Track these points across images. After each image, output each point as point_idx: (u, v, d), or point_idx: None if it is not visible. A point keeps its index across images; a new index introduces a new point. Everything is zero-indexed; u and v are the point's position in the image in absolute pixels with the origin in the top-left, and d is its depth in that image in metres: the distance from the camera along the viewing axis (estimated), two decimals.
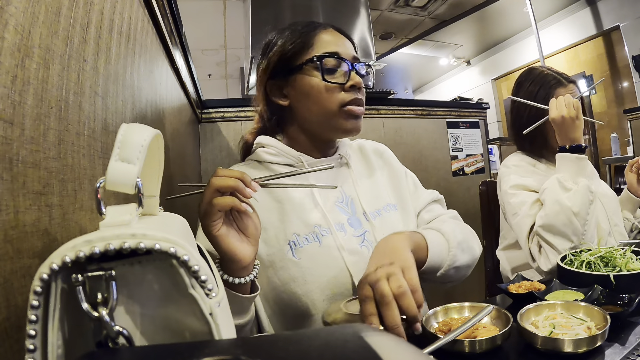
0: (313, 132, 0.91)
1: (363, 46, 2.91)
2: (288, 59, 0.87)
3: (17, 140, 0.33)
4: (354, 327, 0.26)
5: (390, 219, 0.92)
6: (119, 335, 0.27)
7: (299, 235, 0.83)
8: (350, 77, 0.85)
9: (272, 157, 0.90)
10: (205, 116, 1.79)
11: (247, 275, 0.66)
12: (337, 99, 0.85)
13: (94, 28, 0.49)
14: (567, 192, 1.06)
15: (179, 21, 1.03)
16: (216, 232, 0.61)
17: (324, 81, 0.84)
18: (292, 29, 0.90)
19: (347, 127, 0.87)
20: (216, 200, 0.60)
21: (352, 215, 0.89)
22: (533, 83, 1.30)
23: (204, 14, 4.02)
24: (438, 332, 0.63)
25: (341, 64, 0.86)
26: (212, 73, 5.85)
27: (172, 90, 1.06)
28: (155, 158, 0.39)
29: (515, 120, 1.34)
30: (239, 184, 0.60)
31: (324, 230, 0.84)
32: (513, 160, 1.33)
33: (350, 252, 0.83)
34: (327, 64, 0.85)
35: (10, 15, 0.32)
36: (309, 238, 0.83)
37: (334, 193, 0.90)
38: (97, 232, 0.27)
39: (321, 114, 0.86)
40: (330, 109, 0.85)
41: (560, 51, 4.88)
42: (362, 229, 0.88)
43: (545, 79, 1.28)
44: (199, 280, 0.28)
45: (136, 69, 0.69)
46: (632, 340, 0.59)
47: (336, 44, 0.87)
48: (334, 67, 0.86)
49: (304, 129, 0.91)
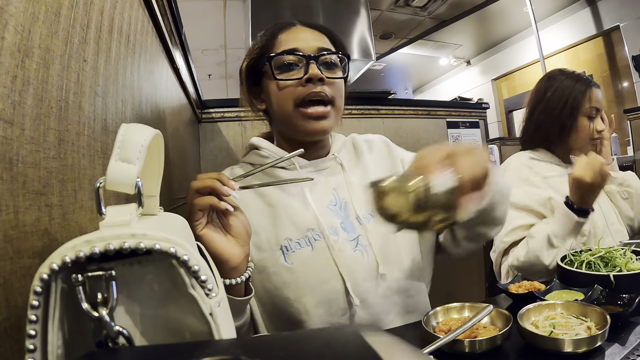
0: (287, 136, 0.89)
1: (363, 46, 2.91)
2: (254, 64, 0.87)
3: (17, 140, 0.33)
4: (354, 327, 0.26)
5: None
6: (119, 335, 0.27)
7: (291, 240, 0.81)
8: (307, 70, 0.80)
9: (263, 159, 0.89)
10: (205, 116, 1.79)
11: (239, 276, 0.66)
12: (292, 97, 0.81)
13: (94, 28, 0.49)
14: (550, 250, 1.06)
15: (179, 21, 1.03)
16: (199, 232, 0.62)
17: (275, 79, 0.81)
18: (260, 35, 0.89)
19: (306, 129, 0.82)
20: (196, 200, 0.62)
21: (346, 219, 0.87)
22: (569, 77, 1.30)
23: (204, 14, 4.02)
24: (438, 332, 0.63)
25: (299, 59, 0.82)
26: (212, 73, 5.85)
27: (172, 90, 1.06)
28: (155, 158, 0.39)
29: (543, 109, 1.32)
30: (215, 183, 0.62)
31: (316, 235, 0.82)
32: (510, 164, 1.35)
33: (343, 257, 0.81)
34: (280, 62, 0.82)
35: (10, 15, 0.32)
36: (301, 242, 0.82)
37: (327, 196, 0.87)
38: (97, 232, 0.27)
39: (281, 116, 0.85)
40: (286, 109, 0.82)
41: (560, 51, 4.87)
42: (355, 232, 0.85)
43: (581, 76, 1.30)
44: (199, 280, 0.28)
45: (136, 69, 0.69)
46: (632, 340, 0.59)
47: (296, 40, 0.83)
48: (291, 62, 0.82)
49: (281, 133, 0.91)
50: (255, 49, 0.88)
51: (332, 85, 0.83)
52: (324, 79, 0.81)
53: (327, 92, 0.81)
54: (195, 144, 1.69)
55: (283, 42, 0.84)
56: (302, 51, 0.81)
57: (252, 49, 0.88)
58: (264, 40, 0.87)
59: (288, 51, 0.81)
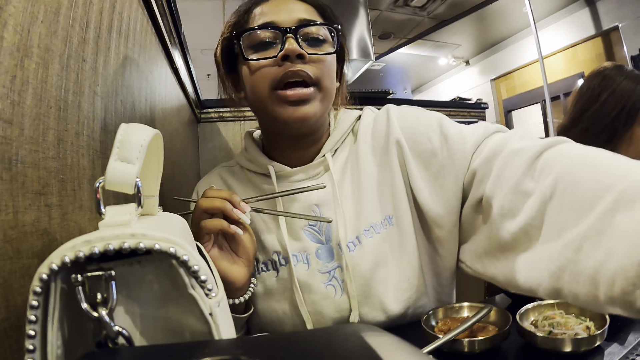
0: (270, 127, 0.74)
1: (362, 46, 2.91)
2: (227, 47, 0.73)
3: (16, 140, 0.33)
4: (354, 327, 0.26)
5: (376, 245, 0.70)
6: (119, 336, 0.27)
7: (258, 261, 0.72)
8: (283, 46, 0.64)
9: (247, 164, 0.78)
10: (204, 116, 1.79)
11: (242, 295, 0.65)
12: (268, 79, 0.66)
13: (93, 28, 0.49)
14: None
15: (178, 21, 1.03)
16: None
17: (245, 60, 0.67)
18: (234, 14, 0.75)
19: (283, 116, 0.66)
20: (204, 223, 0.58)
21: (324, 244, 0.71)
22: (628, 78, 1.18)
23: (203, 14, 4.02)
24: (437, 331, 0.63)
25: (275, 35, 0.67)
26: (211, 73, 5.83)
27: (171, 90, 1.06)
28: (154, 158, 0.39)
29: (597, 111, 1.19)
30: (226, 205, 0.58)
31: (282, 259, 0.71)
32: None
33: (309, 291, 0.69)
34: (253, 40, 0.67)
35: (10, 15, 0.32)
36: (267, 265, 0.72)
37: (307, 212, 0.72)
38: (97, 232, 0.27)
39: (257, 103, 0.70)
40: (260, 94, 0.67)
41: (559, 51, 4.88)
42: (332, 263, 0.70)
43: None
44: (199, 280, 0.28)
45: (135, 69, 0.69)
46: (631, 340, 0.59)
47: (272, 13, 0.68)
48: (267, 40, 0.67)
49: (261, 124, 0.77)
50: (227, 27, 0.74)
51: (316, 63, 0.67)
52: (304, 55, 0.65)
53: (309, 71, 0.66)
54: (194, 144, 1.69)
55: (257, 16, 0.69)
56: (279, 25, 0.66)
57: (225, 28, 0.74)
58: (236, 16, 0.73)
59: (261, 26, 0.67)
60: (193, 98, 1.50)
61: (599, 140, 1.20)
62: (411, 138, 0.72)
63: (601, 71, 1.24)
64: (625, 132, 1.17)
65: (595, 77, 1.24)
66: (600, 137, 1.19)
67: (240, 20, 0.72)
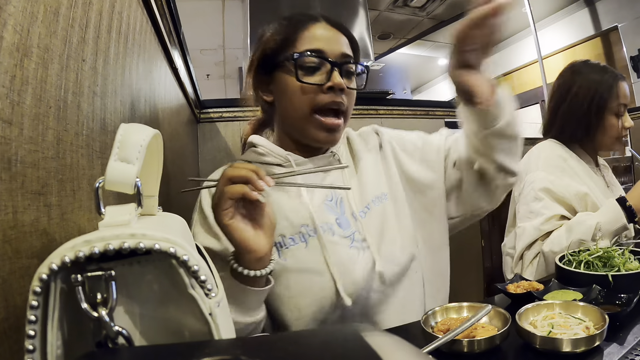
0: (291, 134, 0.87)
1: (362, 46, 2.90)
2: (270, 55, 0.82)
3: (16, 140, 0.33)
4: (354, 327, 0.26)
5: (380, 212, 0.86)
6: (119, 336, 0.27)
7: (284, 236, 0.79)
8: (330, 78, 0.77)
9: (261, 157, 0.87)
10: (203, 116, 1.79)
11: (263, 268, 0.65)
12: (311, 102, 0.79)
13: (92, 28, 0.49)
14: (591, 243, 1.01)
15: (178, 21, 1.03)
16: (227, 221, 0.60)
17: (299, 82, 0.78)
18: (280, 22, 0.84)
19: (317, 138, 0.82)
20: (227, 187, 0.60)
21: (341, 215, 0.84)
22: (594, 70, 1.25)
23: (202, 14, 4.02)
24: (437, 331, 0.63)
25: (323, 63, 0.79)
26: (210, 73, 5.84)
27: (170, 90, 1.06)
28: (154, 158, 0.39)
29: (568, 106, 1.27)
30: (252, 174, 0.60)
31: (310, 231, 0.80)
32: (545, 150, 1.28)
33: (338, 255, 0.79)
34: (304, 63, 0.78)
35: (9, 14, 0.32)
36: (295, 239, 0.79)
37: (323, 192, 0.85)
38: (97, 232, 0.27)
39: (295, 117, 0.82)
40: (302, 112, 0.80)
41: (559, 51, 4.88)
42: (350, 229, 0.83)
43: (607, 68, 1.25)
44: (199, 280, 0.28)
45: (135, 69, 0.69)
46: (630, 340, 0.60)
47: (322, 40, 0.80)
48: (315, 65, 0.79)
49: (285, 129, 0.88)
50: (273, 38, 0.83)
51: (349, 95, 0.82)
52: (345, 90, 0.79)
53: (344, 102, 0.80)
54: (194, 144, 1.69)
55: (307, 40, 0.80)
56: (327, 54, 0.79)
57: (270, 37, 0.83)
58: (284, 31, 0.82)
59: (314, 52, 0.78)
60: (192, 98, 1.50)
61: (577, 134, 1.26)
62: (400, 143, 0.97)
63: (570, 67, 1.31)
64: (599, 122, 1.22)
65: (565, 74, 1.31)
66: (578, 131, 1.25)
67: (290, 37, 0.81)
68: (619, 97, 1.22)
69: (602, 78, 1.22)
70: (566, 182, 1.18)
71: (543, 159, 1.25)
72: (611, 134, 1.24)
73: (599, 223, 1.03)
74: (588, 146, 1.30)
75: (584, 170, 1.26)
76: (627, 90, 1.24)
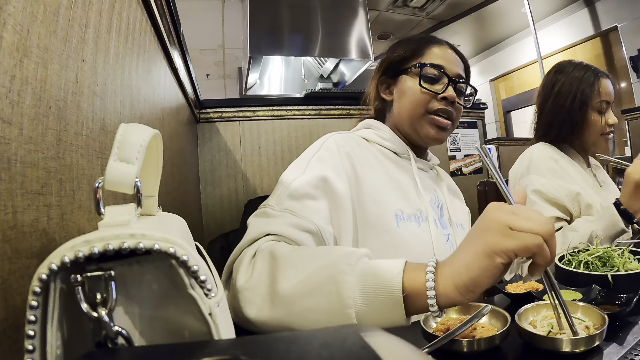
0: (403, 131, 0.99)
1: (361, 46, 2.91)
2: (400, 62, 0.98)
3: (16, 140, 0.33)
4: (354, 327, 0.26)
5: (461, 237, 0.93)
6: (118, 336, 0.26)
7: (402, 212, 0.88)
8: (445, 90, 0.92)
9: (381, 140, 0.97)
10: (203, 116, 1.79)
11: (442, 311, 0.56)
12: (426, 105, 0.93)
13: (92, 28, 0.49)
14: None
15: (177, 21, 1.03)
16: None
17: (420, 86, 0.92)
18: (411, 39, 1.01)
19: (429, 133, 0.94)
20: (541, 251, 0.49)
21: (441, 217, 0.96)
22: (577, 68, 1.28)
23: (202, 14, 4.02)
24: (436, 331, 0.63)
25: (442, 77, 0.94)
26: (210, 73, 5.84)
27: (170, 90, 1.06)
28: (154, 158, 0.39)
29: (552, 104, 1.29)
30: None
31: (424, 216, 0.90)
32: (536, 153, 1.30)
33: (438, 243, 0.89)
34: (427, 72, 0.94)
35: (9, 14, 0.32)
36: (411, 217, 0.89)
37: (430, 194, 0.97)
38: (96, 232, 0.27)
39: (410, 114, 0.95)
40: (418, 111, 0.93)
41: (559, 51, 4.89)
42: (447, 230, 0.95)
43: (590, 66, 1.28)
44: (198, 280, 0.28)
45: (134, 69, 0.69)
46: (630, 340, 0.60)
47: (444, 59, 0.95)
48: (435, 77, 0.94)
49: (397, 126, 1.00)
50: (406, 48, 0.98)
51: (457, 109, 0.96)
52: (455, 103, 0.94)
53: (453, 112, 0.95)
54: (194, 144, 1.69)
55: (434, 56, 0.95)
56: (447, 71, 0.94)
57: (405, 46, 0.99)
58: (416, 45, 0.98)
59: (437, 66, 0.93)
60: (192, 98, 1.50)
61: (562, 133, 1.28)
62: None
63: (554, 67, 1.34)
64: (582, 119, 1.24)
65: (549, 74, 1.34)
66: (563, 128, 1.27)
67: (420, 50, 0.97)
68: (600, 93, 1.23)
69: (584, 75, 1.25)
70: (557, 184, 1.19)
71: (534, 162, 1.27)
72: (594, 131, 1.25)
73: (594, 231, 1.03)
74: (577, 145, 1.32)
75: (576, 170, 1.27)
76: (609, 88, 1.25)
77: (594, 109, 1.24)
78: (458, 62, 0.98)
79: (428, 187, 0.98)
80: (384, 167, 0.93)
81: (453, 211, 1.01)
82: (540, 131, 1.35)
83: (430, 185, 1.00)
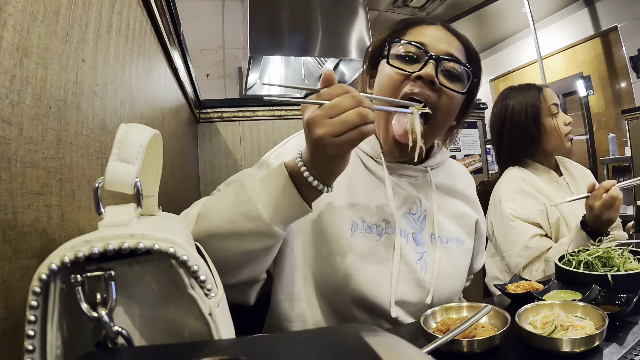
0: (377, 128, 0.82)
1: (361, 46, 2.91)
2: (380, 46, 0.82)
3: (16, 140, 0.33)
4: (354, 327, 0.26)
5: (454, 253, 0.86)
6: (118, 336, 0.27)
7: (364, 221, 0.77)
8: (423, 68, 0.73)
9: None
10: (203, 116, 1.78)
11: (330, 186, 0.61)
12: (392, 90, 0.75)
13: (92, 28, 0.49)
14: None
15: (177, 21, 1.03)
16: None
17: (388, 64, 0.75)
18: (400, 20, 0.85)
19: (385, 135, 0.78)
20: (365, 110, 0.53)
21: (419, 232, 0.83)
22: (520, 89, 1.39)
23: (202, 14, 4.02)
24: (436, 331, 0.63)
25: (422, 56, 0.74)
26: (210, 73, 5.84)
27: (170, 90, 1.06)
28: (153, 158, 0.39)
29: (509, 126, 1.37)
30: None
31: (390, 229, 0.79)
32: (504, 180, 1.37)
33: (404, 262, 0.79)
34: (398, 49, 0.76)
35: (9, 14, 0.32)
36: (372, 228, 0.78)
37: (409, 202, 0.83)
38: (96, 232, 0.27)
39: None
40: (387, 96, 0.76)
41: (559, 51, 4.88)
42: (422, 248, 0.82)
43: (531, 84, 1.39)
44: (198, 280, 0.28)
45: (134, 69, 0.69)
46: (629, 340, 0.60)
47: (429, 37, 0.77)
48: (411, 55, 0.75)
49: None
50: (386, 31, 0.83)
51: (443, 95, 0.75)
52: (435, 83, 0.73)
53: (432, 99, 0.73)
54: (194, 144, 1.69)
55: (414, 34, 0.78)
56: (429, 48, 0.74)
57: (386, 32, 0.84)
58: (398, 26, 0.82)
59: (417, 44, 0.75)
60: (192, 98, 1.50)
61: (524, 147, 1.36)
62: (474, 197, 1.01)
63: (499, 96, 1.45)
64: (539, 128, 1.33)
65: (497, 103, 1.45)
66: (524, 143, 1.35)
67: (399, 30, 0.81)
68: (546, 100, 1.33)
69: (528, 92, 1.36)
70: (528, 204, 1.27)
71: (503, 189, 1.34)
72: (555, 135, 1.33)
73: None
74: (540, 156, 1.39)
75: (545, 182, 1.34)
76: (552, 94, 1.36)
77: (546, 115, 1.33)
78: (452, 41, 0.78)
79: (405, 196, 0.83)
80: (355, 172, 0.80)
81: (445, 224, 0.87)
82: (504, 155, 1.43)
83: (411, 193, 0.84)
